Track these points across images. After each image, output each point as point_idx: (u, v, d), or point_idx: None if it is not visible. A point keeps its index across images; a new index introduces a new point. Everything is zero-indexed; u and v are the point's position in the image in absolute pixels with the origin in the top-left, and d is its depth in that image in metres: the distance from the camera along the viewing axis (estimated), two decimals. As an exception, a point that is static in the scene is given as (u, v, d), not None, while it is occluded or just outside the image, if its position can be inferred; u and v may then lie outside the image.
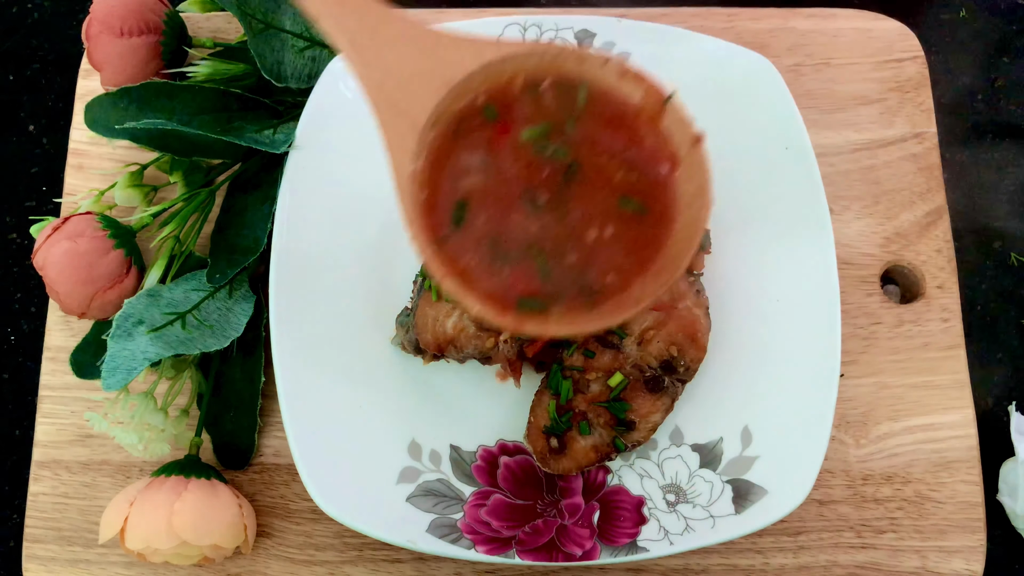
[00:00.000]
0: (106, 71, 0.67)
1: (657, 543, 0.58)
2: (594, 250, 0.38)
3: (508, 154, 0.39)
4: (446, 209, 0.39)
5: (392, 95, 0.38)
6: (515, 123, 0.40)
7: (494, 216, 0.39)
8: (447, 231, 0.39)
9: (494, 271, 0.39)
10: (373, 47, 0.38)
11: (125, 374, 0.57)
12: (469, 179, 0.39)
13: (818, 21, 0.75)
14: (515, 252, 0.39)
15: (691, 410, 0.62)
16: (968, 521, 0.64)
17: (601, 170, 0.39)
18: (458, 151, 0.39)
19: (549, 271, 0.38)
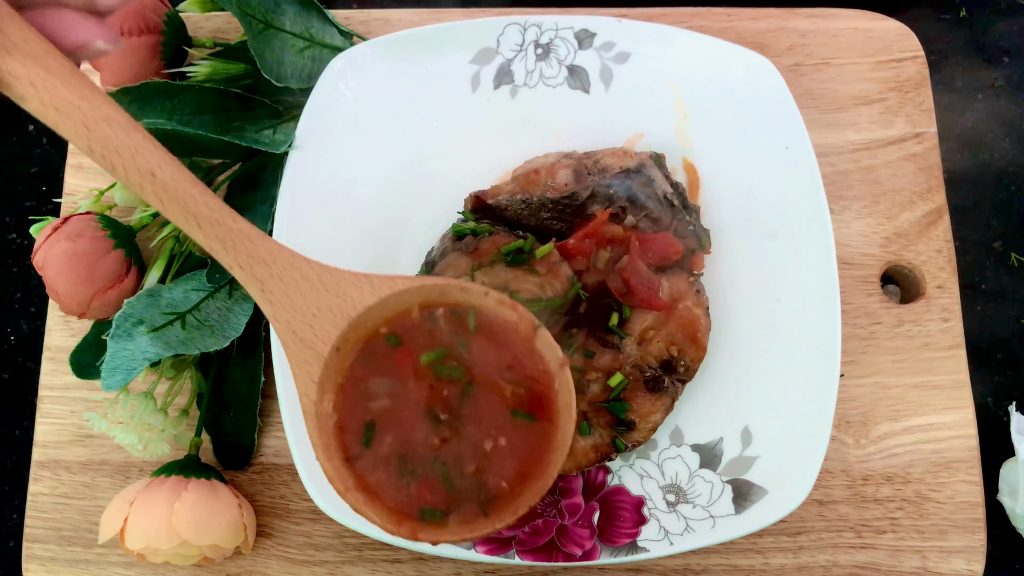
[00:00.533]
0: (106, 71, 0.67)
1: (657, 543, 0.58)
2: (490, 459, 0.43)
3: (411, 377, 0.44)
4: (356, 431, 0.43)
5: (299, 330, 0.42)
6: (415, 348, 0.44)
7: (400, 435, 0.43)
8: (357, 451, 0.43)
9: (401, 485, 0.43)
10: (281, 289, 0.42)
11: (125, 374, 0.57)
12: (376, 402, 0.44)
13: (818, 21, 0.75)
14: (420, 467, 0.43)
15: (691, 410, 0.62)
16: (968, 521, 0.64)
17: (493, 386, 0.44)
18: (365, 377, 0.44)
19: (452, 481, 0.43)
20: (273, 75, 0.67)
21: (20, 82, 0.38)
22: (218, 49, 0.72)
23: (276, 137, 0.67)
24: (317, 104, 0.65)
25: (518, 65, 0.69)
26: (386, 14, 0.76)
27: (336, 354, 0.43)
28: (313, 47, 0.70)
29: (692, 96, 0.68)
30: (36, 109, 0.39)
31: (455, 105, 0.68)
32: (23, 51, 0.38)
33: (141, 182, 0.40)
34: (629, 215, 0.61)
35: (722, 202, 0.67)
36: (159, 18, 0.68)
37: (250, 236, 0.42)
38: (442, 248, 0.62)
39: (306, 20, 0.70)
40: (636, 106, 0.68)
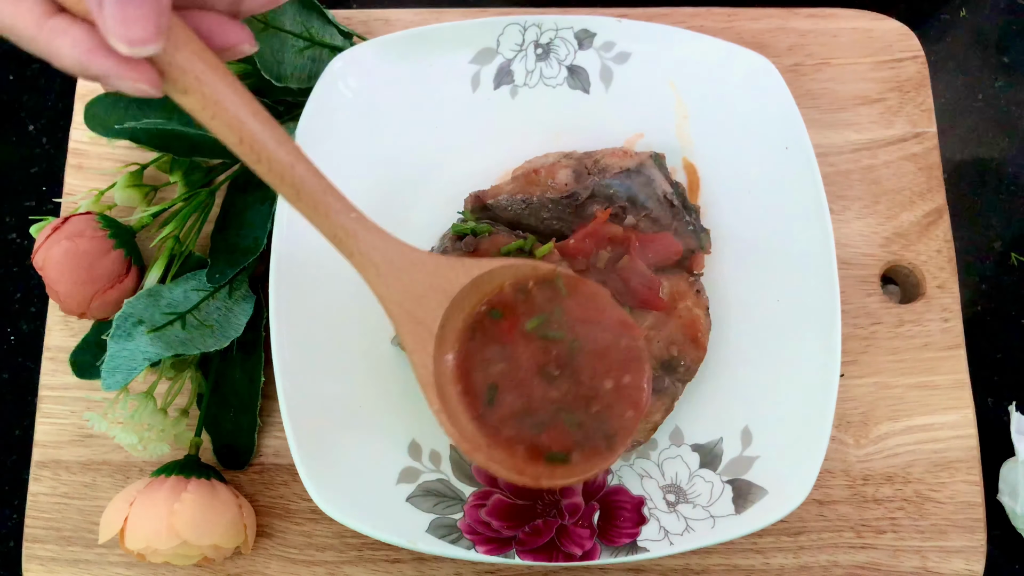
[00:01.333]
0: (106, 71, 0.67)
1: (657, 543, 0.58)
2: (607, 398, 0.49)
3: (519, 343, 0.50)
4: (479, 394, 0.49)
5: (410, 310, 0.48)
6: (518, 318, 0.51)
7: (519, 393, 0.49)
8: (482, 411, 0.49)
9: (528, 436, 0.49)
10: (391, 274, 0.48)
11: (125, 374, 0.57)
12: (494, 367, 0.50)
13: (818, 21, 0.75)
14: (544, 417, 0.49)
15: (691, 410, 0.62)
16: (968, 521, 0.64)
17: (593, 339, 0.50)
18: (479, 349, 0.50)
19: (575, 423, 0.49)
20: (273, 75, 0.67)
21: (186, 76, 0.40)
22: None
23: (276, 137, 0.67)
24: (317, 104, 0.65)
25: (518, 65, 0.69)
26: (386, 14, 0.76)
27: (441, 331, 0.48)
28: (313, 47, 0.70)
29: (692, 96, 0.68)
30: (195, 103, 0.41)
31: (455, 105, 0.68)
32: (189, 48, 0.40)
33: (281, 176, 0.44)
34: (629, 215, 0.61)
35: (722, 202, 0.67)
36: (159, 18, 0.68)
37: (367, 227, 0.48)
38: (442, 248, 0.62)
39: (306, 20, 0.70)
40: (636, 106, 0.68)
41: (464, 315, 0.50)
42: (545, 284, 0.51)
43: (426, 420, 0.62)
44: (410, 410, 0.63)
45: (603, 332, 0.50)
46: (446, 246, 0.62)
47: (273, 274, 0.61)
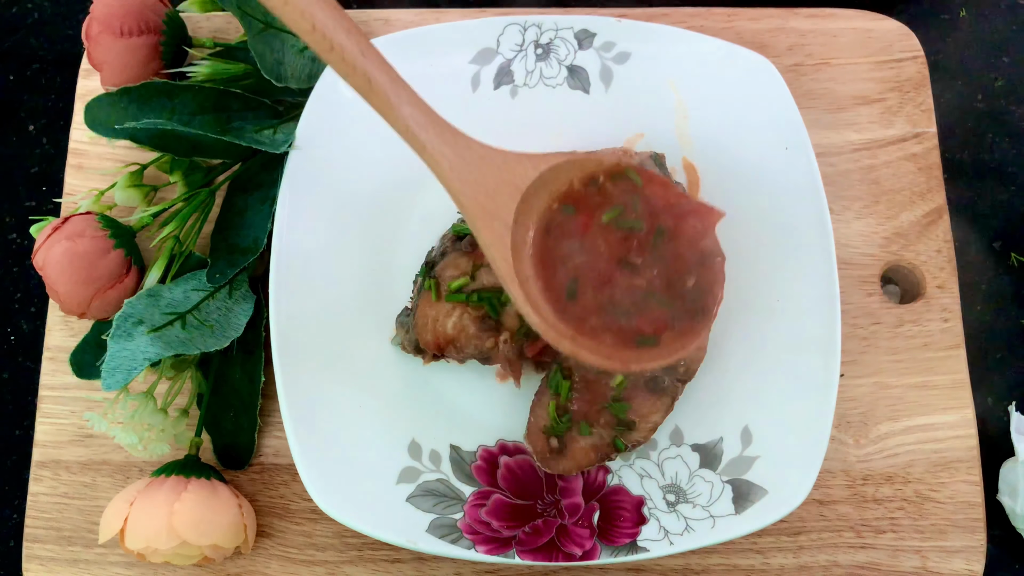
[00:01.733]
0: (106, 71, 0.67)
1: (657, 543, 0.58)
2: (696, 273, 0.50)
3: (597, 236, 0.50)
4: (560, 288, 0.49)
5: (484, 204, 0.48)
6: (591, 211, 0.51)
7: (602, 283, 0.50)
8: (564, 305, 0.49)
9: (616, 325, 0.49)
10: (463, 168, 0.47)
11: (125, 374, 0.57)
12: (573, 261, 0.50)
13: (818, 21, 0.75)
14: (629, 304, 0.50)
15: (691, 410, 0.62)
16: (968, 521, 0.64)
17: (670, 224, 0.51)
18: (555, 245, 0.50)
19: (671, 303, 0.50)
20: (273, 75, 0.67)
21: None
22: (218, 49, 0.72)
23: (276, 137, 0.67)
24: (317, 104, 0.65)
25: (518, 65, 0.69)
26: (386, 14, 0.76)
27: (515, 226, 0.48)
28: (313, 47, 0.70)
29: (692, 96, 0.68)
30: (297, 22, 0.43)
31: (455, 105, 0.68)
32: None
33: (353, 66, 0.44)
34: (629, 215, 0.61)
35: (722, 202, 0.66)
36: (159, 18, 0.68)
37: (437, 120, 0.48)
38: (442, 248, 0.62)
39: (306, 20, 0.70)
40: (636, 106, 0.68)
41: (537, 212, 0.50)
42: (618, 177, 0.51)
43: (426, 420, 0.63)
44: (410, 410, 0.63)
45: (678, 218, 0.51)
46: (446, 246, 0.62)
47: (273, 274, 0.61)
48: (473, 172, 0.48)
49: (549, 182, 0.50)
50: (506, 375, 0.64)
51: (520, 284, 0.48)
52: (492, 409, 0.64)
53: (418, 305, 0.60)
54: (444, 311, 0.59)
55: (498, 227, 0.48)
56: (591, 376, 0.59)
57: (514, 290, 0.48)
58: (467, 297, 0.58)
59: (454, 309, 0.59)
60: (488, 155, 0.49)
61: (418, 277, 0.63)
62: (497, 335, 0.59)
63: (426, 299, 0.60)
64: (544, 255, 0.50)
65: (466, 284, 0.59)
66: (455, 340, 0.59)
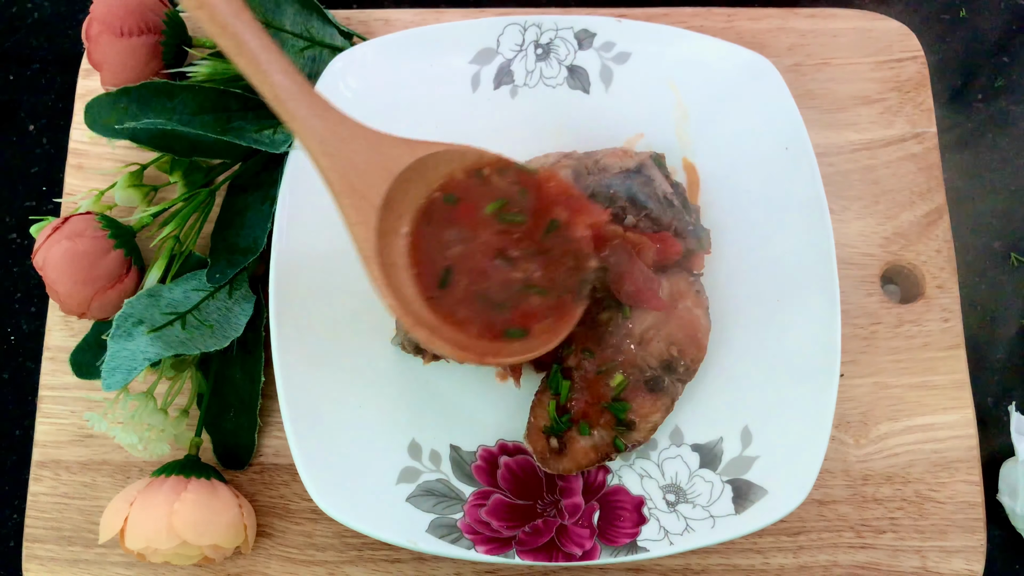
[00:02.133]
0: (106, 71, 0.67)
1: (657, 543, 0.58)
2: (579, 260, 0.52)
3: (478, 226, 0.51)
4: (434, 276, 0.49)
5: (352, 182, 0.47)
6: (475, 203, 0.51)
7: (477, 274, 0.50)
8: (436, 292, 0.49)
9: (488, 316, 0.49)
10: (334, 143, 0.47)
11: (125, 374, 0.57)
12: (451, 250, 0.50)
13: (818, 21, 0.75)
14: (506, 297, 0.50)
15: (691, 410, 0.62)
16: (968, 521, 0.64)
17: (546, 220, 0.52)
18: (435, 233, 0.50)
19: (549, 291, 0.50)
20: (273, 75, 0.67)
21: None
22: (218, 49, 0.72)
23: (276, 137, 0.67)
24: (317, 104, 0.65)
25: (518, 65, 0.69)
26: (386, 14, 0.76)
27: (388, 210, 0.48)
28: (313, 47, 0.70)
29: (692, 96, 0.68)
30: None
31: (455, 105, 0.68)
32: None
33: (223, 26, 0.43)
34: (629, 215, 0.61)
35: (722, 202, 0.67)
36: (159, 18, 0.68)
37: (310, 93, 0.46)
38: (442, 248, 0.62)
39: (306, 20, 0.70)
40: (636, 106, 0.68)
41: (417, 200, 0.50)
42: (504, 170, 0.52)
43: (426, 420, 0.63)
44: (410, 410, 0.63)
45: (562, 212, 0.52)
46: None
47: (273, 274, 0.61)
48: (344, 149, 0.47)
49: (429, 170, 0.49)
50: (506, 375, 0.64)
51: (384, 267, 0.48)
52: (492, 409, 0.64)
53: (418, 305, 0.60)
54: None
55: (365, 207, 0.47)
56: (591, 376, 0.59)
57: (373, 271, 0.47)
58: None
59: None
60: (362, 134, 0.48)
61: (418, 277, 0.63)
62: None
63: (426, 299, 0.60)
64: (420, 243, 0.50)
65: None
66: (455, 340, 0.59)
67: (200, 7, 0.42)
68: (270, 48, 0.45)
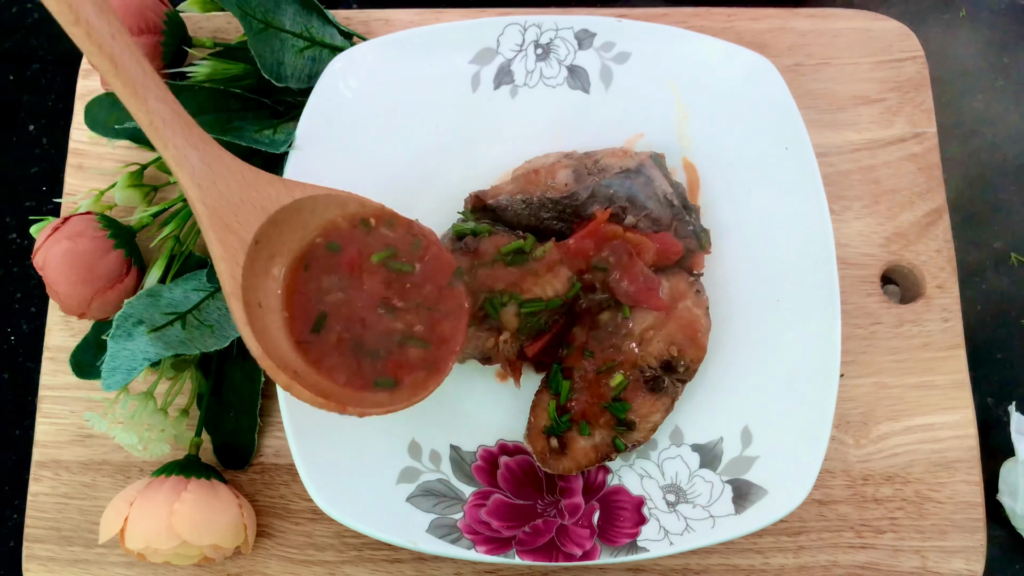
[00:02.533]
0: (106, 71, 0.67)
1: (657, 543, 0.58)
2: (440, 328, 0.52)
3: (363, 274, 0.51)
4: (306, 321, 0.49)
5: (224, 217, 0.46)
6: (358, 250, 0.51)
7: (354, 323, 0.50)
8: (307, 337, 0.49)
9: (357, 364, 0.49)
10: (207, 175, 0.46)
11: (125, 374, 0.57)
12: (329, 296, 0.50)
13: (818, 21, 0.75)
14: (380, 346, 0.50)
15: (691, 410, 0.62)
16: (968, 521, 0.64)
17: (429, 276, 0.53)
18: (310, 278, 0.50)
19: (429, 344, 0.50)
20: (273, 75, 0.67)
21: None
22: (218, 49, 0.72)
23: (276, 137, 0.67)
24: (317, 104, 0.65)
25: (518, 65, 0.69)
26: (386, 14, 0.76)
27: (257, 248, 0.47)
28: (313, 47, 0.70)
29: (692, 96, 0.68)
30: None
31: (455, 105, 0.68)
32: None
33: (100, 46, 0.42)
34: (629, 215, 0.61)
35: (722, 202, 0.67)
36: (159, 18, 0.68)
37: (188, 124, 0.46)
38: (442, 248, 0.62)
39: (306, 20, 0.70)
40: (636, 106, 0.68)
41: (294, 242, 0.49)
42: (391, 222, 0.52)
43: (426, 420, 0.63)
44: (410, 410, 0.63)
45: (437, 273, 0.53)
46: (446, 246, 0.62)
47: (273, 274, 0.61)
48: (218, 183, 0.46)
49: (306, 214, 0.49)
50: (506, 375, 0.64)
51: (248, 306, 0.47)
52: (492, 409, 0.64)
53: (418, 305, 0.60)
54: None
55: (233, 242, 0.47)
56: (591, 376, 0.59)
57: (235, 309, 0.47)
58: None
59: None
60: (239, 169, 0.48)
61: (418, 277, 0.63)
62: (497, 335, 0.59)
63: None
64: (296, 287, 0.49)
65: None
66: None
67: (76, 24, 0.41)
68: (148, 72, 0.44)
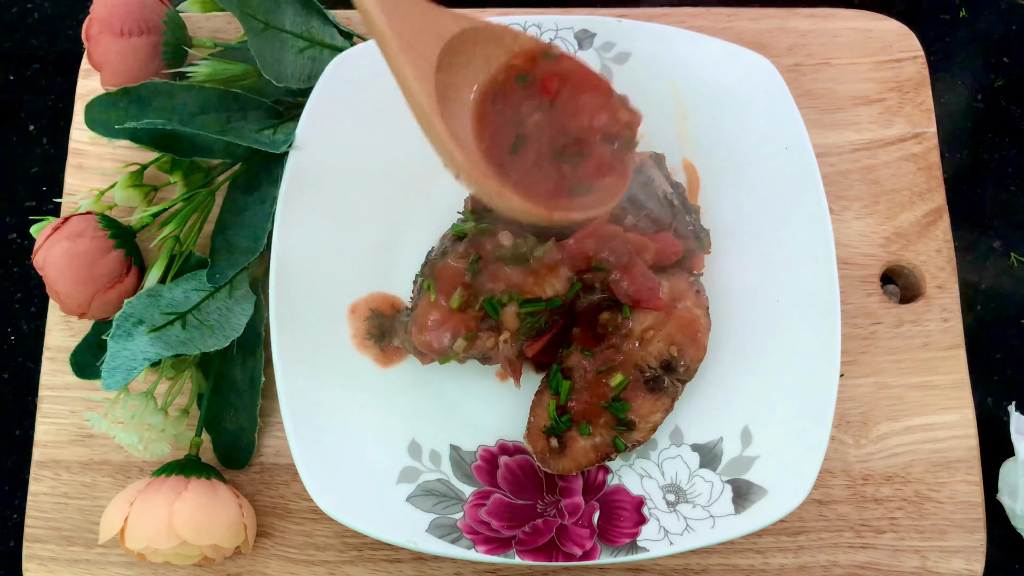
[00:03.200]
0: (106, 71, 0.67)
1: (657, 543, 0.58)
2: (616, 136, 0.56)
3: (552, 97, 0.54)
4: (504, 146, 0.52)
5: (411, 40, 0.48)
6: (548, 79, 0.54)
7: (547, 139, 0.53)
8: (505, 160, 0.52)
9: (561, 173, 0.53)
10: (392, 3, 0.47)
11: (125, 374, 0.57)
12: (526, 120, 0.53)
13: (818, 21, 0.75)
14: (573, 154, 0.54)
15: (691, 410, 0.62)
16: (968, 521, 0.64)
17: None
18: (504, 109, 0.53)
19: (608, 152, 0.54)
20: (273, 75, 0.67)
21: None
22: (218, 49, 0.72)
23: (276, 137, 0.67)
24: (317, 104, 0.65)
25: (518, 65, 0.69)
26: (386, 14, 0.75)
27: (438, 75, 0.49)
28: (313, 47, 0.70)
29: (692, 96, 0.68)
30: None
31: (455, 105, 0.68)
32: None
33: None
34: (629, 215, 0.61)
35: (722, 202, 0.67)
36: (159, 18, 0.68)
37: None
38: (442, 248, 0.62)
39: (306, 20, 0.70)
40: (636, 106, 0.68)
41: (473, 77, 0.52)
42: (549, 53, 0.54)
43: (426, 420, 0.63)
44: (410, 410, 0.63)
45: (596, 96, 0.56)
46: (446, 246, 0.62)
47: (273, 274, 0.61)
48: (400, 8, 0.48)
49: (469, 46, 0.51)
50: (506, 375, 0.64)
51: (446, 119, 0.49)
52: (492, 409, 0.64)
53: (418, 305, 0.60)
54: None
55: (423, 64, 0.48)
56: (591, 376, 0.59)
57: (437, 124, 0.49)
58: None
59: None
60: (412, 2, 0.50)
61: (418, 277, 0.63)
62: (497, 335, 0.59)
63: (426, 300, 0.60)
64: (487, 119, 0.52)
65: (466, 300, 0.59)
66: (455, 340, 0.59)
67: None
68: None
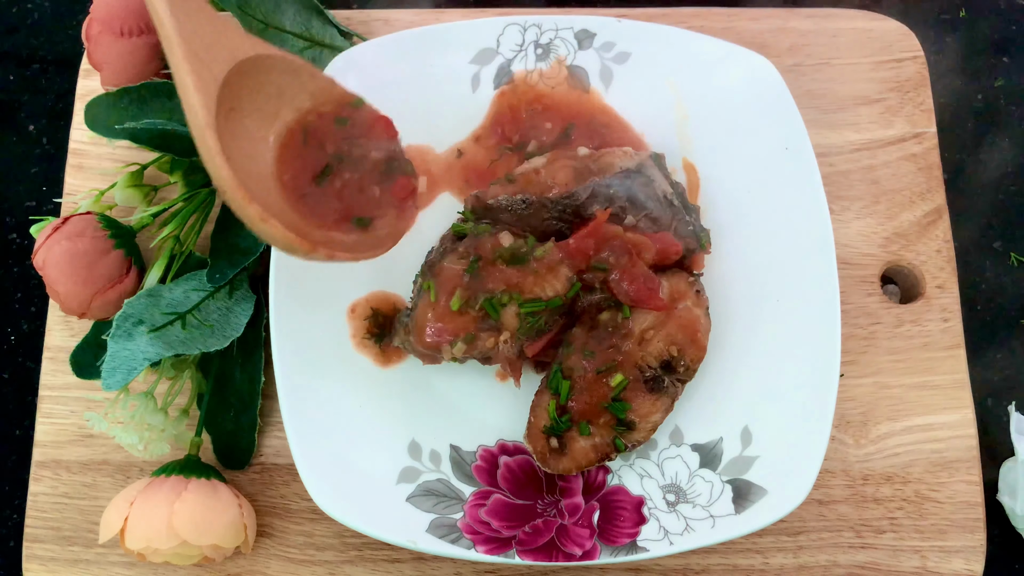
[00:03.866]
0: (106, 71, 0.67)
1: (657, 543, 0.58)
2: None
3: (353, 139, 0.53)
4: (307, 177, 0.52)
5: (199, 50, 0.47)
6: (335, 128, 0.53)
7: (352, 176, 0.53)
8: (308, 189, 0.52)
9: (334, 204, 0.53)
10: (184, 9, 0.47)
11: (125, 374, 0.57)
12: (332, 153, 0.53)
13: (818, 21, 0.75)
14: (364, 184, 0.53)
15: (691, 410, 0.62)
16: (968, 521, 0.64)
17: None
18: (313, 149, 0.53)
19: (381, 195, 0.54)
20: (273, 75, 0.67)
21: None
22: (218, 49, 0.72)
23: (276, 137, 0.67)
24: (317, 104, 0.65)
25: (518, 65, 0.69)
26: (386, 14, 0.76)
27: (224, 88, 0.48)
28: (313, 47, 0.70)
29: (692, 96, 0.68)
30: None
31: (455, 105, 0.68)
32: None
33: None
34: (629, 215, 0.61)
35: (722, 202, 0.67)
36: (159, 18, 0.68)
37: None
38: (442, 248, 0.62)
39: (306, 20, 0.70)
40: (636, 106, 0.68)
41: (277, 111, 0.52)
42: (357, 104, 0.54)
43: (426, 420, 0.63)
44: (410, 410, 0.63)
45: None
46: (446, 246, 0.62)
47: (273, 274, 0.61)
48: (193, 17, 0.47)
49: (266, 75, 0.51)
50: (506, 375, 0.64)
51: (220, 135, 0.48)
52: (492, 409, 0.64)
53: (418, 305, 0.60)
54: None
55: (207, 76, 0.47)
56: (591, 376, 0.59)
57: (210, 139, 0.47)
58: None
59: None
60: (209, 12, 0.49)
61: (418, 278, 0.63)
62: (497, 335, 0.59)
63: (426, 300, 0.60)
64: (292, 155, 0.52)
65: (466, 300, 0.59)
66: (455, 340, 0.59)
67: None
68: None
